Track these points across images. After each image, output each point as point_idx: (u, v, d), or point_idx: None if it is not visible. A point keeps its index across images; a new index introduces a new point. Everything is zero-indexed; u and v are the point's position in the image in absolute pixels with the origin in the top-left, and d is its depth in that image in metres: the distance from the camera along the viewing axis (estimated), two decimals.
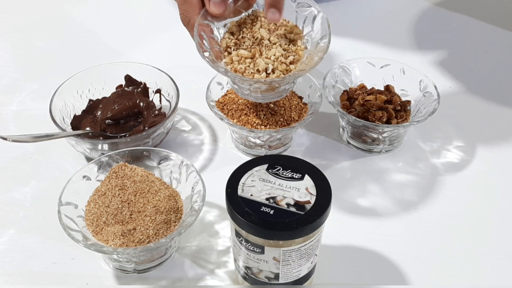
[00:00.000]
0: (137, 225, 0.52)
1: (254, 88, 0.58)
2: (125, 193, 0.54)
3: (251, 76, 0.56)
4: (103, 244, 0.51)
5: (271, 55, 0.57)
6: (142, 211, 0.53)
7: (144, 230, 0.52)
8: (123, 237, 0.51)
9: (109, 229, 0.52)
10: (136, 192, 0.55)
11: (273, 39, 0.58)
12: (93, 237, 0.52)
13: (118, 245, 0.51)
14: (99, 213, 0.53)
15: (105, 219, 0.53)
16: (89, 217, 0.54)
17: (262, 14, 0.60)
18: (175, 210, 0.54)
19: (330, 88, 0.69)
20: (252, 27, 0.59)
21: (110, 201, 0.54)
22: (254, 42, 0.58)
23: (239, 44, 0.58)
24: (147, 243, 0.51)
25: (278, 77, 0.56)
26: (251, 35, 0.58)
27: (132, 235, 0.51)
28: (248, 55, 0.57)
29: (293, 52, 0.58)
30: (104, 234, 0.52)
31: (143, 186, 0.55)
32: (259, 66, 0.56)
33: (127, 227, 0.52)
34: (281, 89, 0.60)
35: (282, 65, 0.56)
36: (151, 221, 0.52)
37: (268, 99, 0.61)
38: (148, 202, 0.54)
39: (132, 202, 0.54)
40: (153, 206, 0.53)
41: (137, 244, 0.51)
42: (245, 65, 0.57)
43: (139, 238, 0.51)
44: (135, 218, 0.53)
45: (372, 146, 0.68)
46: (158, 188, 0.56)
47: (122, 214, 0.53)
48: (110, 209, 0.53)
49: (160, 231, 0.52)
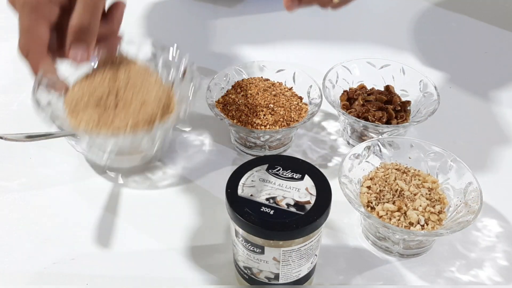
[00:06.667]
0: (118, 113, 0.48)
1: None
2: (114, 82, 0.51)
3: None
4: (76, 125, 0.47)
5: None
6: (128, 103, 0.49)
7: (124, 118, 0.47)
8: (99, 122, 0.47)
9: (88, 111, 0.48)
10: (128, 84, 0.51)
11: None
12: (66, 117, 0.48)
13: (91, 127, 0.47)
14: (81, 95, 0.49)
15: (86, 101, 0.48)
16: (70, 96, 0.49)
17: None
18: (163, 108, 0.51)
19: (330, 88, 0.69)
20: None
21: (97, 86, 0.50)
22: None
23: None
24: (123, 132, 0.47)
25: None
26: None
27: (112, 123, 0.47)
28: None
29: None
30: (79, 117, 0.48)
31: (136, 79, 0.51)
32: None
33: (108, 112, 0.48)
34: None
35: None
36: (134, 112, 0.48)
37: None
38: (137, 94, 0.50)
39: (121, 93, 0.50)
40: (142, 100, 0.50)
41: (113, 131, 0.47)
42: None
43: (118, 126, 0.47)
44: (120, 107, 0.49)
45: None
46: (153, 84, 0.52)
47: (107, 101, 0.49)
48: (96, 93, 0.49)
49: (142, 123, 0.48)
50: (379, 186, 0.57)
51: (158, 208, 0.62)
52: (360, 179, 0.58)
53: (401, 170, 0.59)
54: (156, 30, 0.90)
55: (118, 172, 0.65)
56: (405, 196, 0.56)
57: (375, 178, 0.58)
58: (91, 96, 0.49)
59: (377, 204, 0.56)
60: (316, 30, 0.92)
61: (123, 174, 0.65)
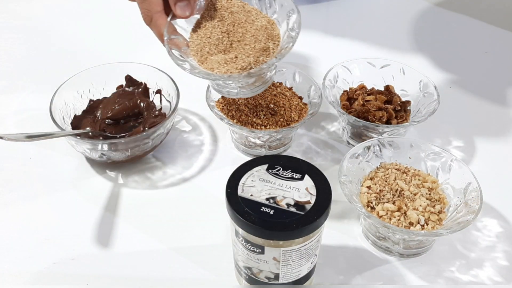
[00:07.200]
0: (238, 53, 0.55)
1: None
2: (223, 24, 0.57)
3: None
4: (209, 71, 0.55)
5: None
6: (241, 40, 0.56)
7: (245, 57, 0.55)
8: (226, 64, 0.55)
9: (213, 58, 0.56)
10: (234, 22, 0.58)
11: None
12: (199, 66, 0.56)
13: (223, 72, 0.54)
14: (202, 44, 0.57)
15: (208, 49, 0.56)
16: (193, 48, 0.57)
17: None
18: (272, 38, 0.57)
19: (330, 88, 0.69)
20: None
21: (211, 32, 0.57)
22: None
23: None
24: (249, 69, 0.54)
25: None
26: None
27: (235, 63, 0.55)
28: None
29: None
30: (209, 63, 0.56)
31: (240, 17, 0.58)
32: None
33: (229, 55, 0.55)
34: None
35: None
36: (251, 49, 0.56)
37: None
38: (246, 31, 0.57)
39: (231, 32, 0.57)
40: (252, 35, 0.56)
41: (240, 71, 0.54)
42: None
43: (241, 65, 0.54)
44: (236, 47, 0.56)
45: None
46: (255, 18, 0.58)
47: (223, 44, 0.56)
48: (211, 40, 0.57)
49: (260, 58, 0.55)
50: (379, 186, 0.57)
51: (158, 208, 0.62)
52: (360, 179, 0.58)
53: (401, 170, 0.59)
54: None
55: (118, 172, 0.65)
56: (405, 196, 0.56)
57: (375, 178, 0.58)
58: (210, 43, 0.57)
59: (377, 204, 0.56)
60: (316, 30, 0.92)
61: (123, 174, 0.65)
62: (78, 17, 0.95)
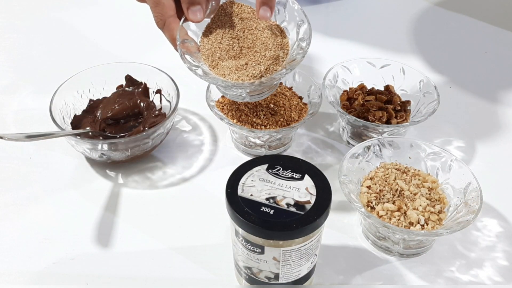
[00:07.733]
0: (248, 60, 0.57)
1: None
2: (234, 29, 0.58)
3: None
4: (221, 77, 0.56)
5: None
6: (251, 46, 0.58)
7: (256, 65, 0.56)
8: (237, 71, 0.56)
9: (224, 64, 0.57)
10: (244, 28, 0.58)
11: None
12: (211, 71, 0.57)
13: (234, 79, 0.56)
14: (213, 49, 0.58)
15: (219, 55, 0.58)
16: (205, 53, 0.58)
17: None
18: (282, 46, 0.58)
19: (330, 88, 0.69)
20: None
21: (222, 37, 0.58)
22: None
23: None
24: (259, 77, 0.56)
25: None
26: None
27: (245, 70, 0.56)
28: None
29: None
30: (220, 69, 0.57)
31: (250, 23, 0.59)
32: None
33: (239, 62, 0.57)
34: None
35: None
36: (261, 57, 0.57)
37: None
38: (256, 38, 0.58)
39: (241, 38, 0.58)
40: (262, 43, 0.58)
41: (251, 78, 0.55)
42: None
43: (252, 73, 0.56)
44: (246, 53, 0.57)
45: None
46: (264, 25, 0.59)
47: (234, 50, 0.57)
48: (222, 45, 0.58)
49: (271, 66, 0.57)
50: (379, 186, 0.57)
51: (158, 208, 0.62)
52: (360, 179, 0.58)
53: (401, 170, 0.59)
54: (156, 30, 0.91)
55: (118, 172, 0.65)
56: (405, 196, 0.56)
57: (375, 178, 0.58)
58: (221, 48, 0.58)
59: (377, 204, 0.56)
60: (316, 30, 0.92)
61: (123, 174, 0.65)
62: (78, 17, 0.95)
